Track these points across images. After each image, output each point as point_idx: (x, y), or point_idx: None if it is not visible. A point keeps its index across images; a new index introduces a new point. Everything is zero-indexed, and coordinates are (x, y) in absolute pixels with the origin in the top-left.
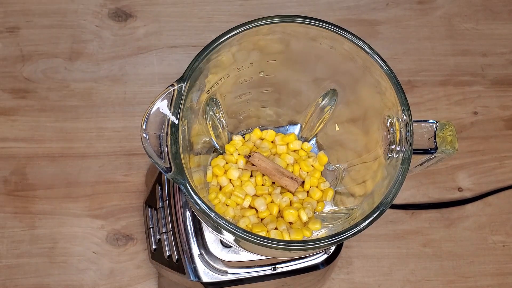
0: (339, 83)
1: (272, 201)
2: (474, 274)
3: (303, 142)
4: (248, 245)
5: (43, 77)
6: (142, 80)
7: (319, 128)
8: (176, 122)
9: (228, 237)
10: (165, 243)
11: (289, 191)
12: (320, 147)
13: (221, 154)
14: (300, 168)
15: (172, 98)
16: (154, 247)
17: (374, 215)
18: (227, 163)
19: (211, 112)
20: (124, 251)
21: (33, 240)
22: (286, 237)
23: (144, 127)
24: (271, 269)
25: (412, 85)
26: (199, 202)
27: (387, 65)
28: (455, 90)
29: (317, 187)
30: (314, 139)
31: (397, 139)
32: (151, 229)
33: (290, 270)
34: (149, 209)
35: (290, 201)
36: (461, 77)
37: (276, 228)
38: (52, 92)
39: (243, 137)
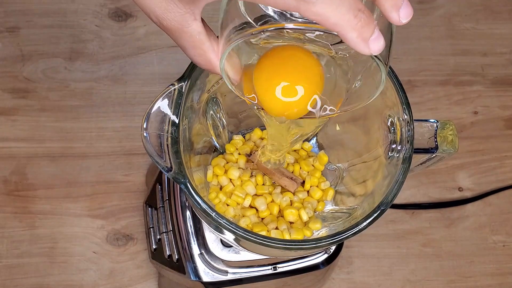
0: None
1: (273, 201)
2: (474, 274)
3: (303, 141)
4: (248, 245)
5: (43, 77)
6: (142, 80)
7: (320, 128)
8: (177, 121)
9: (229, 237)
10: (165, 242)
11: (288, 191)
12: (320, 147)
13: (222, 153)
14: (300, 168)
15: (172, 97)
16: (154, 247)
17: (375, 215)
18: (227, 162)
19: (211, 112)
20: (124, 251)
21: (33, 240)
22: (287, 237)
23: (144, 126)
24: (271, 268)
25: (412, 85)
26: (199, 201)
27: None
28: (455, 90)
29: (317, 186)
30: (315, 138)
31: (398, 139)
32: (151, 229)
33: (291, 269)
34: (149, 209)
35: (290, 200)
36: (461, 77)
37: (276, 228)
38: (52, 92)
39: (244, 137)
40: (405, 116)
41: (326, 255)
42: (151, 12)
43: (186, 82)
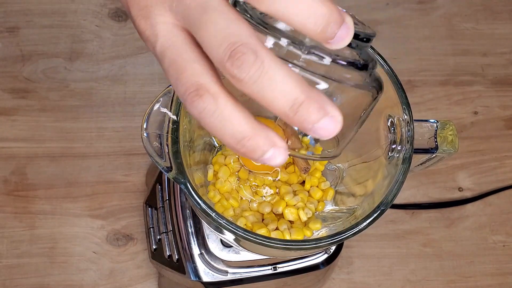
0: None
1: (282, 198)
2: (474, 274)
3: (302, 137)
4: (248, 245)
5: (43, 77)
6: (142, 80)
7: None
8: (177, 121)
9: (229, 237)
10: (165, 243)
11: (299, 169)
12: None
13: (222, 153)
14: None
15: (172, 97)
16: (154, 247)
17: (375, 215)
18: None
19: None
20: (124, 251)
21: (33, 240)
22: (287, 237)
23: (144, 126)
24: (271, 268)
25: (412, 85)
26: (199, 201)
27: (388, 65)
28: (455, 90)
29: (317, 186)
30: None
31: (398, 139)
32: (151, 229)
33: (291, 270)
34: (149, 209)
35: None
36: (461, 77)
37: (277, 228)
38: (52, 92)
39: None
40: (405, 116)
41: (326, 255)
42: None
43: None
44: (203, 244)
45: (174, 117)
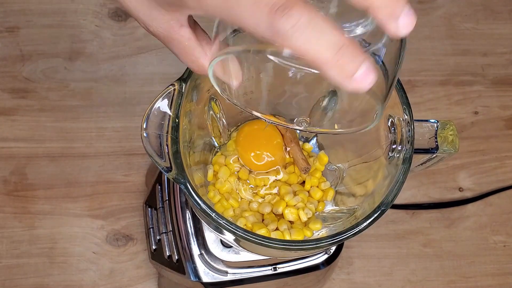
0: None
1: (282, 199)
2: (474, 274)
3: (303, 142)
4: (248, 245)
5: (43, 77)
6: (142, 80)
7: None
8: (177, 121)
9: (229, 237)
10: (165, 243)
11: (299, 169)
12: (320, 147)
13: (221, 153)
14: None
15: (172, 97)
16: (154, 247)
17: (375, 215)
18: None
19: (211, 112)
20: (124, 251)
21: (33, 240)
22: (287, 237)
23: (144, 126)
24: (271, 269)
25: (412, 85)
26: (199, 202)
27: None
28: (456, 90)
29: (317, 187)
30: (315, 138)
31: (398, 139)
32: (151, 229)
33: (291, 270)
34: (149, 209)
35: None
36: (462, 77)
37: (277, 228)
38: (52, 92)
39: None
40: (405, 116)
41: (326, 256)
42: (138, 19)
43: (185, 82)
44: (203, 244)
45: (174, 117)
